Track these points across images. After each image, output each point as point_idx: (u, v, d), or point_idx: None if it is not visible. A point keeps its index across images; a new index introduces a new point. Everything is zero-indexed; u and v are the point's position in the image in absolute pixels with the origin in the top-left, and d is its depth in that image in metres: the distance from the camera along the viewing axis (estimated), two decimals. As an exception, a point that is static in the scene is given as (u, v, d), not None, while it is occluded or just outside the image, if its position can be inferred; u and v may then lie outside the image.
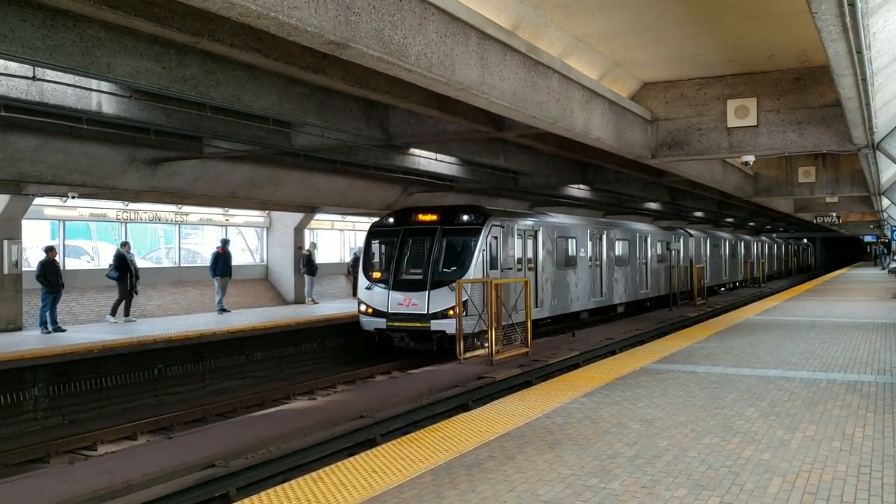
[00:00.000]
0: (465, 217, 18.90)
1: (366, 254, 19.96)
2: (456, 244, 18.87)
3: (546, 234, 21.75)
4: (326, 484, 6.26)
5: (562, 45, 10.91)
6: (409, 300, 18.42)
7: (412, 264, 19.05)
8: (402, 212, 19.99)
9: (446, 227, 18.92)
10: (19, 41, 8.08)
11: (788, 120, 13.56)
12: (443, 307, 17.97)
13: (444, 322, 17.94)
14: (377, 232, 19.95)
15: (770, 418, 8.30)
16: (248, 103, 11.22)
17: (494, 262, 18.79)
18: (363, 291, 19.26)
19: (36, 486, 8.80)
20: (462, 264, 18.32)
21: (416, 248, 19.15)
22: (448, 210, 19.53)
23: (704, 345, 14.50)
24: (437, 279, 18.27)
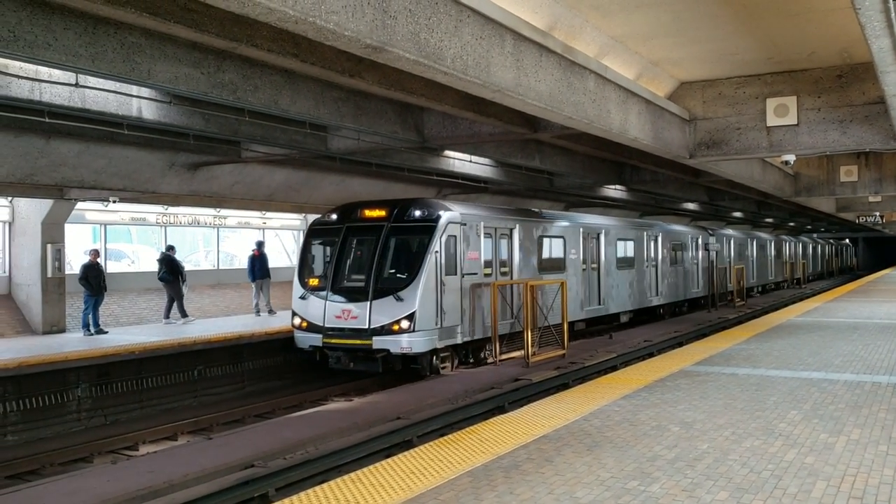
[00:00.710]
0: (416, 213, 16.01)
1: (303, 257, 17.16)
2: (404, 245, 16.15)
3: (525, 234, 18.95)
4: (365, 485, 6.29)
5: (598, 45, 10.85)
6: (347, 312, 15.51)
7: (354, 269, 16.35)
8: (346, 207, 17.20)
9: (395, 225, 16.06)
10: (63, 49, 8.26)
11: (830, 118, 13.33)
12: (387, 321, 15.15)
13: (389, 339, 15.10)
14: (317, 231, 17.21)
15: (813, 421, 8.16)
16: (286, 108, 11.33)
17: (452, 266, 15.98)
18: (297, 302, 16.41)
19: (80, 486, 8.97)
20: (410, 269, 15.51)
21: (360, 249, 16.49)
22: (398, 205, 16.58)
23: (745, 346, 14.30)
24: (381, 287, 15.46)
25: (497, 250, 17.80)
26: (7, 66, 9.78)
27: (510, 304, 17.89)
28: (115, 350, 14.84)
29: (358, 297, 15.60)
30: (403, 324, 15.00)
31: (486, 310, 16.92)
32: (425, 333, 15.26)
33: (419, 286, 15.13)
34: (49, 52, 8.15)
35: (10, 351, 14.76)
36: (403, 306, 15.07)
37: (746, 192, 27.32)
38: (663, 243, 28.30)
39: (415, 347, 15.11)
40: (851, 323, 18.49)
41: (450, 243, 15.97)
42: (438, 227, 15.69)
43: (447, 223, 15.86)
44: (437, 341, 15.48)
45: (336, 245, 16.46)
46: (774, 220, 48.00)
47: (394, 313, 15.13)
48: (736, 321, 26.51)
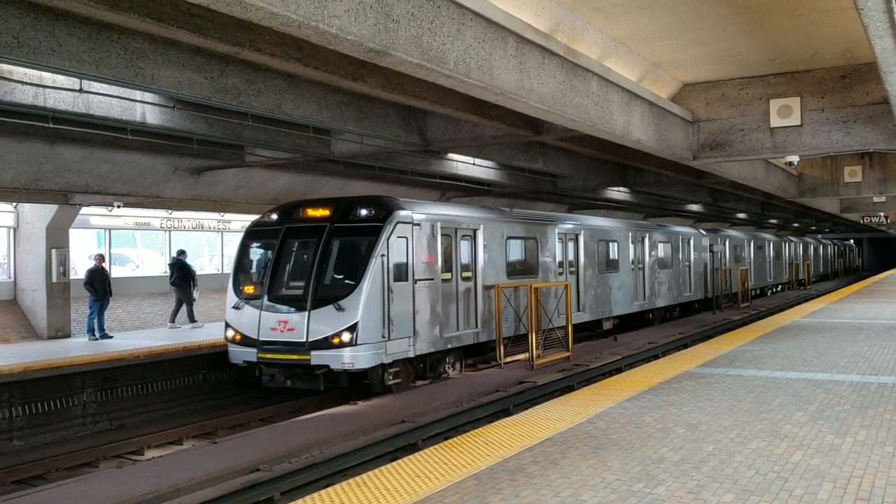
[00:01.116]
0: (362, 211, 14.43)
1: (238, 261, 15.51)
2: (348, 248, 14.55)
3: (490, 235, 17.41)
4: (370, 488, 6.29)
5: (600, 47, 10.85)
6: (284, 324, 13.91)
7: (292, 275, 14.76)
8: (288, 206, 15.71)
9: (338, 226, 14.51)
10: (67, 55, 8.28)
11: (833, 119, 13.31)
12: (327, 333, 13.56)
13: (329, 354, 13.51)
14: (255, 232, 15.61)
15: (819, 422, 8.14)
16: (289, 112, 11.35)
17: (402, 271, 14.43)
18: (230, 311, 14.76)
19: (86, 490, 8.98)
20: (353, 275, 13.89)
21: (300, 253, 14.96)
22: (343, 203, 15.07)
23: (750, 348, 14.27)
24: (321, 295, 13.86)
25: (457, 253, 16.27)
26: (11, 71, 9.81)
27: (475, 311, 16.73)
28: (119, 355, 14.87)
29: (295, 306, 13.98)
30: (345, 336, 13.41)
31: (446, 319, 15.57)
32: (370, 347, 13.62)
33: (362, 294, 13.52)
34: (53, 57, 8.18)
35: (16, 356, 14.80)
36: (345, 317, 13.46)
37: (750, 193, 27.28)
38: (651, 245, 26.81)
39: (358, 363, 13.51)
40: (857, 324, 18.45)
41: (400, 246, 14.38)
42: (385, 228, 14.07)
43: (396, 223, 14.28)
44: (385, 355, 13.89)
45: (274, 248, 14.85)
46: (779, 221, 47.96)
47: (334, 325, 13.51)
48: (741, 322, 26.48)
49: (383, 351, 13.89)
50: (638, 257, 25.67)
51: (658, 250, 27.48)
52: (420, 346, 14.79)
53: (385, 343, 13.90)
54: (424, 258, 15.07)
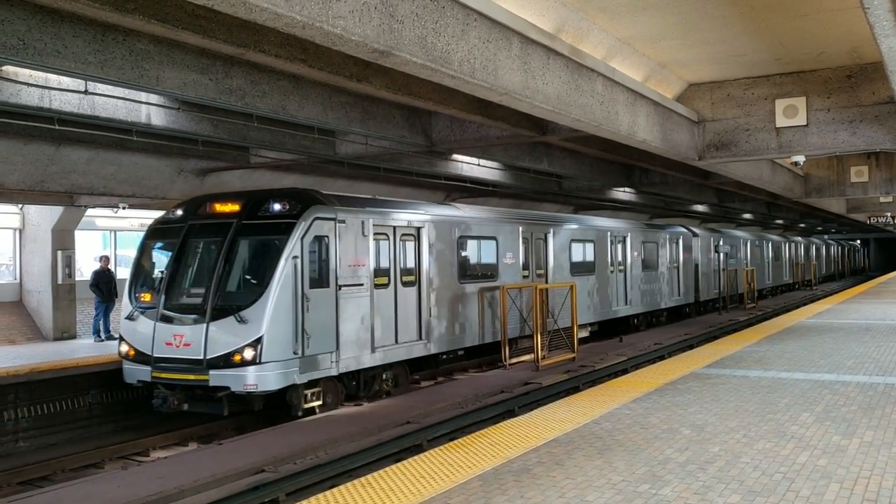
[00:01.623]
0: (275, 206, 12.59)
1: (136, 264, 13.59)
2: (256, 248, 12.73)
3: (439, 235, 15.63)
4: (375, 489, 6.28)
5: (605, 47, 10.83)
6: (179, 338, 12.10)
7: (193, 281, 12.87)
8: (195, 200, 13.82)
9: (247, 223, 12.63)
10: (72, 56, 8.30)
11: (839, 119, 13.28)
12: (227, 349, 11.71)
13: (230, 373, 11.69)
14: (157, 230, 13.68)
15: (825, 423, 8.11)
16: (294, 113, 11.36)
17: (322, 276, 12.63)
18: (124, 323, 12.94)
19: (91, 491, 9.00)
20: (260, 280, 12.12)
21: (204, 254, 13.01)
22: (255, 197, 13.24)
23: (756, 349, 14.23)
24: (222, 304, 12.04)
25: (397, 255, 14.50)
26: (17, 73, 9.84)
27: (420, 320, 15.08)
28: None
29: (193, 317, 12.18)
30: (247, 353, 11.60)
31: (381, 330, 13.86)
32: (278, 365, 11.78)
33: (269, 303, 11.71)
34: (58, 59, 8.20)
35: (22, 357, 14.84)
36: (247, 330, 11.66)
37: (756, 193, 27.23)
38: (633, 245, 24.84)
39: (263, 384, 11.69)
40: (863, 324, 18.38)
41: (318, 246, 12.58)
42: (299, 226, 12.24)
43: (313, 220, 12.47)
44: (298, 374, 12.03)
45: (175, 249, 13.00)
46: (785, 222, 47.82)
47: (236, 339, 11.72)
48: (746, 323, 26.42)
49: (296, 369, 12.00)
50: (618, 259, 23.92)
51: (642, 251, 25.56)
52: (346, 362, 12.97)
53: (298, 360, 11.99)
54: (352, 260, 13.23)
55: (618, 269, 23.81)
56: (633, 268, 24.56)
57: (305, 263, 12.26)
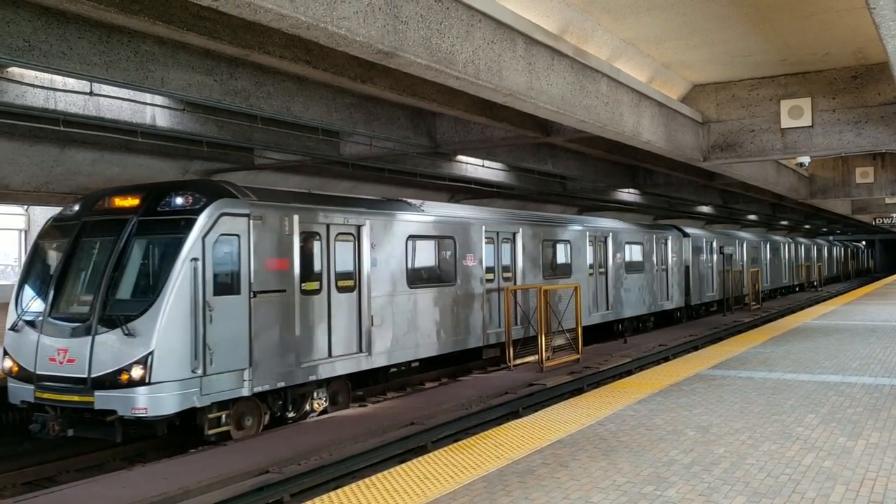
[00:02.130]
0: (177, 200, 11.02)
1: (26, 268, 12.02)
2: (151, 249, 11.09)
3: (384, 234, 14.16)
4: (379, 490, 6.28)
5: (610, 48, 10.82)
6: (63, 352, 10.54)
7: (82, 287, 11.25)
8: (94, 194, 12.15)
9: (144, 220, 11.07)
10: (77, 58, 8.33)
11: (845, 119, 13.25)
12: (114, 366, 10.21)
13: (116, 395, 10.16)
14: (51, 229, 12.07)
15: (831, 425, 8.09)
16: (298, 114, 11.37)
17: (231, 281, 11.12)
18: (9, 335, 11.35)
19: (96, 492, 9.01)
20: (153, 286, 10.60)
21: (97, 256, 11.27)
22: (156, 189, 11.52)
23: (760, 350, 14.20)
24: (110, 314, 10.50)
25: (331, 257, 13.02)
26: (23, 75, 9.87)
27: (360, 331, 13.55)
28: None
29: (78, 329, 10.60)
30: (135, 372, 10.08)
31: (309, 342, 12.37)
32: (173, 386, 10.24)
33: (160, 313, 10.22)
34: (64, 61, 8.23)
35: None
36: (136, 344, 10.18)
37: (761, 194, 27.19)
38: (616, 246, 23.40)
39: (154, 408, 10.12)
40: (869, 325, 18.34)
41: (225, 246, 11.09)
42: (200, 223, 10.73)
43: (219, 216, 10.94)
44: (199, 396, 10.51)
45: (65, 249, 11.48)
46: (790, 223, 47.73)
47: (122, 355, 10.21)
48: (751, 324, 26.38)
49: (196, 390, 10.46)
50: (599, 261, 22.48)
51: (625, 252, 23.99)
52: (262, 380, 11.40)
53: (198, 379, 10.48)
54: (270, 263, 11.70)
55: (598, 271, 22.38)
56: (614, 270, 23.16)
57: (208, 266, 10.72)
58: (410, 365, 15.82)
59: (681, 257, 28.35)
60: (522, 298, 18.02)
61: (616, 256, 23.29)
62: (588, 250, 21.78)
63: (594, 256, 22.18)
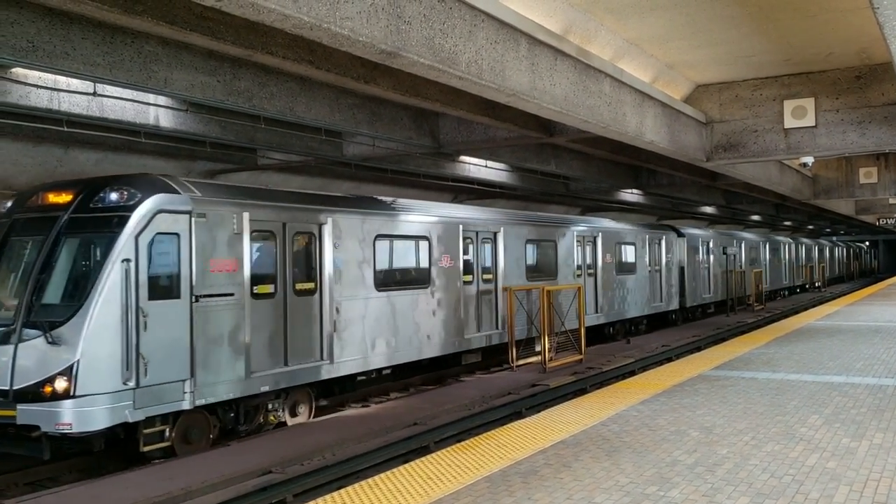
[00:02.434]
0: (112, 196, 10.19)
1: None
2: (80, 249, 10.31)
3: (348, 234, 13.36)
4: (382, 490, 6.28)
5: (613, 48, 10.82)
6: None
7: (9, 289, 10.48)
8: (27, 192, 11.36)
9: (76, 217, 10.28)
10: (81, 58, 8.34)
11: (848, 119, 13.23)
12: (37, 377, 9.42)
13: (40, 409, 9.35)
14: None
15: (835, 425, 8.07)
16: (301, 114, 11.38)
17: (170, 284, 10.36)
18: None
19: (98, 493, 9.02)
20: (80, 290, 9.79)
21: (28, 257, 10.50)
22: (92, 185, 10.60)
23: (764, 351, 14.18)
24: (34, 320, 9.69)
25: (287, 258, 12.18)
26: (26, 76, 9.88)
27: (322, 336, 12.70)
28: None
29: (1, 335, 9.80)
30: (59, 383, 9.28)
31: (262, 350, 11.55)
32: (101, 400, 9.41)
33: (87, 319, 9.44)
34: (67, 61, 8.24)
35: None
36: (60, 353, 9.37)
37: (764, 194, 27.16)
38: (604, 246, 22.51)
39: (80, 424, 9.29)
40: (873, 326, 18.30)
41: (163, 246, 10.31)
42: (133, 221, 9.95)
43: (155, 213, 10.15)
44: (132, 410, 9.68)
45: None
46: (793, 223, 47.65)
47: (46, 365, 9.39)
48: (755, 325, 26.35)
49: (128, 403, 9.64)
50: (587, 262, 21.75)
51: (615, 253, 23.15)
52: (205, 391, 10.59)
53: (132, 392, 9.67)
54: (216, 265, 10.89)
55: (586, 272, 21.58)
56: (604, 271, 22.34)
57: (142, 268, 9.95)
58: (382, 372, 14.91)
59: (676, 258, 27.61)
60: (512, 300, 17.99)
61: (606, 257, 22.49)
62: (576, 251, 21.08)
63: (582, 257, 21.43)
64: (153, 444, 10.31)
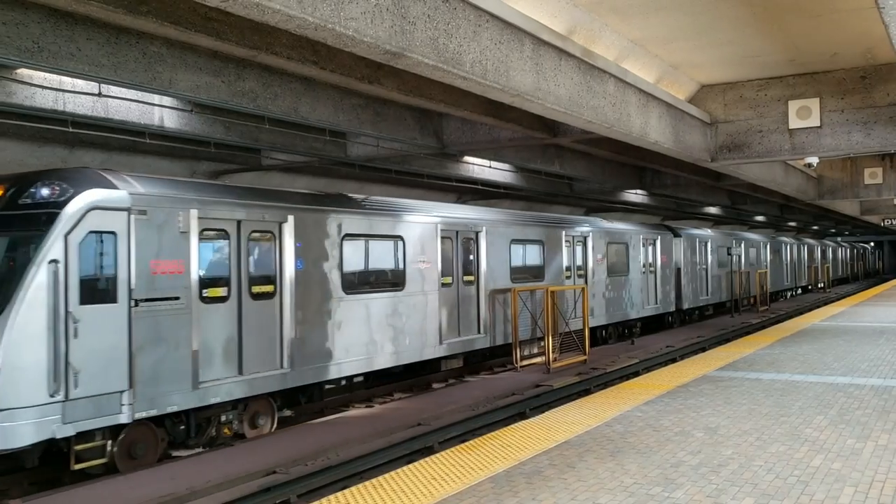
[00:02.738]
0: (42, 191, 9.55)
1: None
2: (5, 251, 9.58)
3: (311, 233, 12.66)
4: (386, 490, 6.28)
5: (617, 49, 10.81)
6: None
7: None
8: None
9: (3, 214, 9.66)
10: (86, 59, 8.36)
11: (853, 120, 13.20)
12: None
13: None
14: None
15: (840, 426, 8.05)
16: (305, 115, 11.39)
17: (105, 287, 9.64)
18: None
19: (103, 492, 9.03)
20: (4, 294, 9.02)
21: None
22: (23, 180, 9.95)
23: (769, 351, 14.15)
24: None
25: (241, 259, 11.41)
26: (31, 76, 9.90)
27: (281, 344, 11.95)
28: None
29: None
30: None
31: (209, 358, 10.79)
32: (24, 414, 8.72)
33: (8, 325, 8.76)
34: (72, 62, 8.26)
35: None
36: None
37: (769, 195, 27.11)
38: (595, 247, 21.72)
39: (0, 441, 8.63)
40: (878, 327, 18.25)
41: (97, 246, 9.58)
42: (63, 219, 9.29)
43: (87, 210, 9.45)
44: (60, 425, 8.96)
45: None
46: (798, 224, 47.56)
47: None
48: (759, 326, 26.30)
49: (56, 417, 8.92)
50: (576, 263, 21.12)
51: (606, 254, 22.28)
52: (147, 403, 9.87)
53: (61, 405, 8.98)
54: (158, 266, 10.12)
55: (576, 274, 20.96)
56: (595, 273, 21.54)
57: (72, 270, 9.22)
58: (353, 380, 14.33)
59: (672, 259, 26.96)
60: (516, 301, 17.98)
61: (597, 258, 21.65)
62: (564, 251, 20.35)
63: (571, 258, 20.73)
64: (91, 461, 9.58)
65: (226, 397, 11.05)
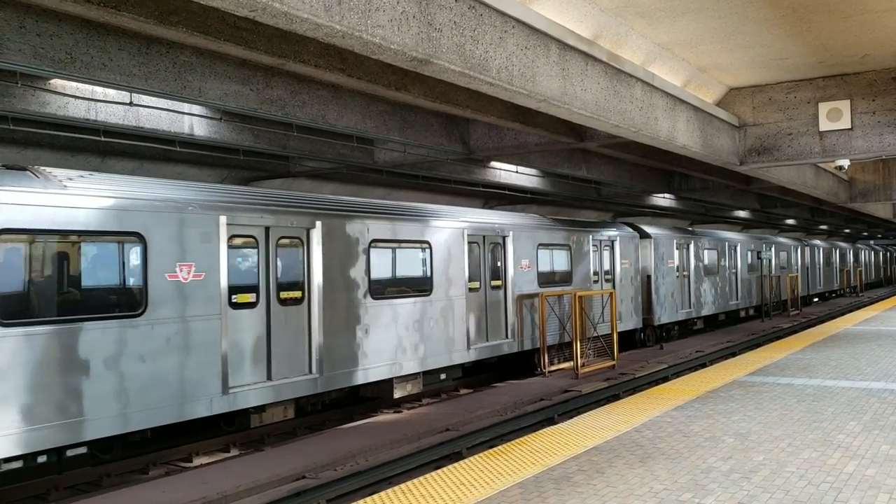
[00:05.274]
0: None
1: None
2: None
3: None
4: (415, 495, 6.29)
5: (644, 52, 10.77)
6: None
7: None
8: None
9: None
10: (118, 69, 8.50)
11: (885, 121, 13.02)
12: None
13: None
14: None
15: (873, 432, 7.94)
16: (333, 122, 11.48)
17: None
18: None
19: (136, 496, 9.15)
20: None
21: None
22: None
23: (800, 356, 13.98)
24: None
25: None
26: (64, 86, 10.09)
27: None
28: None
29: None
30: None
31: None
32: None
33: None
34: (104, 72, 8.40)
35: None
36: None
37: (800, 198, 26.80)
38: (520, 252, 17.53)
39: None
40: (912, 331, 17.97)
41: None
42: None
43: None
44: None
45: None
46: (829, 227, 46.92)
47: None
48: (790, 330, 25.98)
49: None
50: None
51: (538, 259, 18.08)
52: None
53: None
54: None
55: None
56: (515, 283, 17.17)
57: None
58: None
59: (637, 265, 22.44)
60: (544, 306, 17.91)
61: (521, 264, 17.44)
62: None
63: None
64: None
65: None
